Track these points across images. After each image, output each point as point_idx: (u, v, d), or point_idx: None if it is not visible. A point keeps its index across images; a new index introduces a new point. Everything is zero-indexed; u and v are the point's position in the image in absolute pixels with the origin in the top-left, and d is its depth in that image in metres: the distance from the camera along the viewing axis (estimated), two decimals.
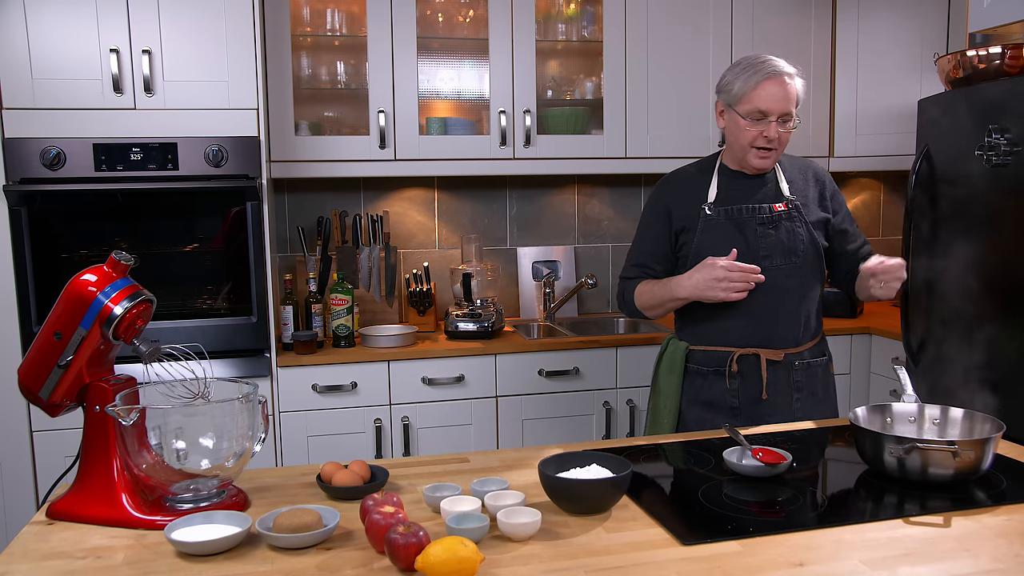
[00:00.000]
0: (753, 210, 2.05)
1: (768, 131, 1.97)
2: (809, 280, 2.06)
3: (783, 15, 3.32)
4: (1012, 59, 2.40)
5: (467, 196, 3.48)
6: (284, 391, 2.80)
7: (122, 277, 1.43)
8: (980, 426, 1.61)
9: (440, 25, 3.23)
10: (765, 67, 1.97)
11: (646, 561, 1.21)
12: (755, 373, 2.04)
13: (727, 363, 2.05)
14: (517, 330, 3.25)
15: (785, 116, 1.97)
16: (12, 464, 2.64)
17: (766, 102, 1.95)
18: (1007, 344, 2.35)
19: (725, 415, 2.06)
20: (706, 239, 2.05)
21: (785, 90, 1.96)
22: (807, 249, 2.05)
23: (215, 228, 2.75)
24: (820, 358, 2.11)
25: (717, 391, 2.07)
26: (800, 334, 2.07)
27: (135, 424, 1.35)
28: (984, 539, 1.27)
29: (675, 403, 2.12)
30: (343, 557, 1.23)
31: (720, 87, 2.06)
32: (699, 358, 2.10)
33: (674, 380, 2.13)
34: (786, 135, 1.99)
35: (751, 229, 2.03)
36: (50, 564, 1.24)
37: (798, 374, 2.06)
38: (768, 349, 2.03)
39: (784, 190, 2.07)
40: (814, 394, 2.09)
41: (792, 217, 2.05)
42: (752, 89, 1.96)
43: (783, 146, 2.02)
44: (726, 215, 2.05)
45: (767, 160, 2.02)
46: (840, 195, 2.16)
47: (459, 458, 1.70)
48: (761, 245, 2.02)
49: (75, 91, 2.57)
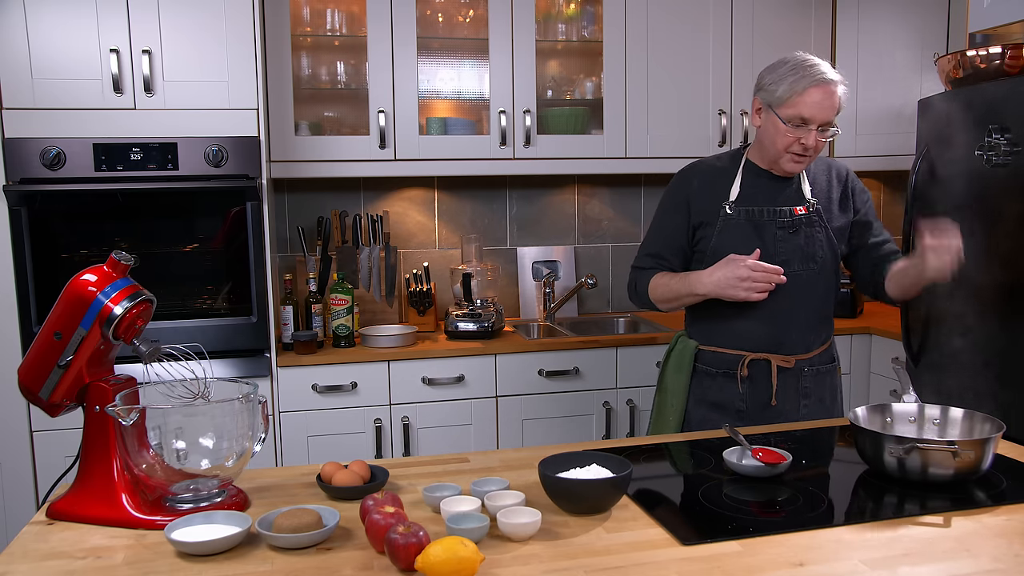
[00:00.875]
0: (774, 213, 2.00)
1: (807, 139, 1.89)
2: (825, 287, 2.04)
3: (783, 15, 3.32)
4: (1012, 59, 2.40)
5: (467, 196, 3.48)
6: (284, 391, 2.80)
7: (122, 277, 1.43)
8: (980, 426, 1.61)
9: (440, 25, 3.23)
10: (813, 72, 1.87)
11: (646, 561, 1.21)
12: (764, 378, 2.02)
13: (737, 367, 2.02)
14: (517, 330, 3.25)
15: (827, 125, 1.90)
16: (12, 464, 2.64)
17: (810, 109, 1.87)
18: (1007, 344, 2.35)
19: (731, 417, 2.04)
20: (724, 239, 2.00)
21: (832, 99, 1.88)
22: (826, 255, 2.01)
23: (215, 228, 2.75)
24: (829, 364, 2.09)
25: (725, 393, 2.05)
26: (812, 341, 2.04)
27: (135, 424, 1.35)
28: (984, 539, 1.27)
29: (681, 402, 2.10)
30: (343, 557, 1.23)
31: (762, 85, 1.96)
32: (709, 359, 2.08)
33: (682, 379, 2.10)
34: (823, 143, 1.92)
35: (770, 233, 1.99)
36: (50, 564, 1.24)
37: (807, 380, 2.05)
38: (779, 355, 2.01)
39: (806, 192, 2.02)
40: (821, 400, 2.08)
41: (812, 222, 2.00)
42: (799, 95, 1.87)
43: (818, 152, 1.95)
44: (747, 216, 2.00)
45: (800, 165, 1.96)
46: (866, 193, 2.10)
47: (459, 458, 1.70)
48: (779, 250, 1.98)
49: (75, 91, 2.57)
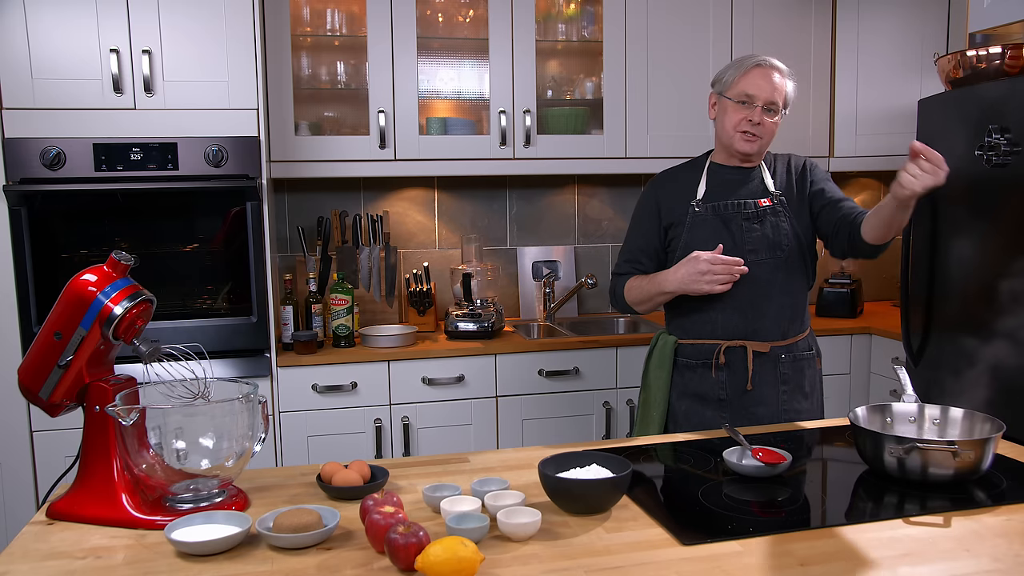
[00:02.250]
0: (739, 205, 2.10)
1: (753, 115, 2.04)
2: (794, 274, 2.11)
3: (783, 15, 3.32)
4: (1012, 59, 2.40)
5: (467, 196, 3.48)
6: (284, 391, 2.80)
7: (122, 277, 1.43)
8: (980, 426, 1.61)
9: (440, 25, 3.23)
10: (756, 58, 2.08)
11: (646, 561, 1.21)
12: (742, 365, 2.09)
13: (714, 355, 2.09)
14: (517, 330, 3.25)
15: (771, 105, 2.05)
16: (12, 464, 2.64)
17: (753, 87, 2.05)
18: (1007, 344, 2.35)
19: (713, 407, 2.11)
20: (694, 235, 2.11)
21: (772, 81, 2.05)
22: (791, 243, 2.09)
23: (215, 228, 2.75)
24: (807, 352, 2.16)
25: (706, 384, 2.12)
26: (786, 327, 2.11)
27: (135, 424, 1.35)
28: (984, 539, 1.27)
29: (664, 396, 2.17)
30: (343, 557, 1.23)
31: (714, 81, 2.16)
32: (688, 351, 2.15)
33: (663, 374, 2.17)
34: (771, 125, 2.07)
35: (736, 224, 2.09)
36: (50, 564, 1.24)
37: (785, 367, 2.11)
38: (754, 341, 2.08)
39: (769, 185, 2.13)
40: (800, 387, 2.13)
41: (777, 212, 2.10)
42: (742, 75, 2.06)
43: (768, 136, 2.09)
44: (713, 211, 2.11)
45: (752, 144, 2.08)
46: (818, 169, 2.18)
47: (459, 458, 1.70)
48: (747, 239, 2.08)
49: (75, 91, 2.56)
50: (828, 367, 3.19)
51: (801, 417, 2.10)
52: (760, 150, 2.11)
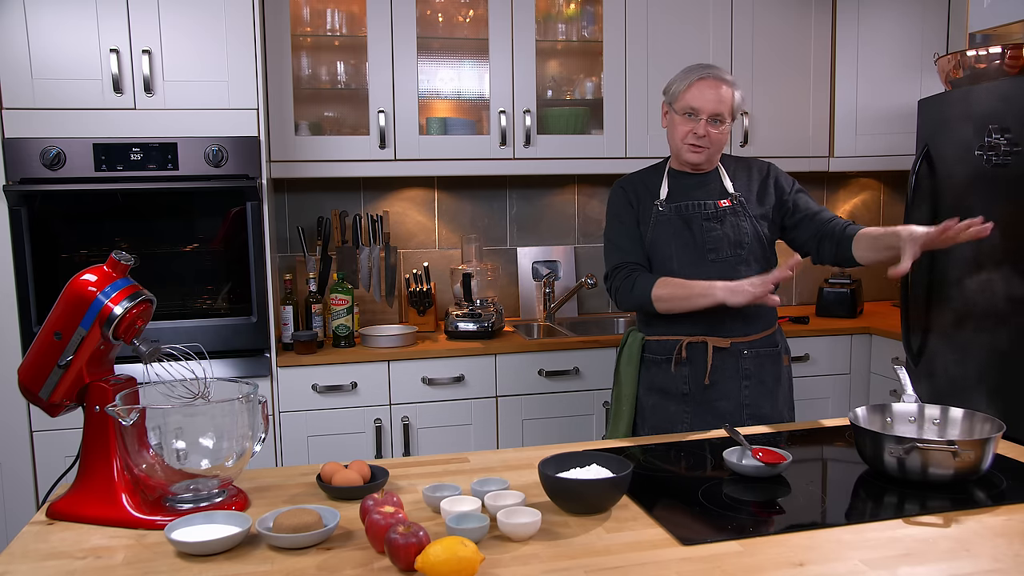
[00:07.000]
0: (700, 206, 2.15)
1: (698, 128, 2.08)
2: (756, 271, 2.13)
3: (783, 15, 3.32)
4: (1012, 59, 2.40)
5: (467, 196, 3.48)
6: (284, 391, 2.80)
7: (122, 277, 1.43)
8: (980, 426, 1.61)
9: (440, 25, 3.23)
10: (701, 70, 2.11)
11: (646, 561, 1.21)
12: (703, 360, 2.13)
13: (675, 351, 2.14)
14: (517, 330, 3.25)
15: (716, 116, 2.08)
16: (12, 464, 2.64)
17: (697, 100, 2.07)
18: (1007, 344, 2.35)
19: (676, 401, 2.16)
20: (657, 233, 2.16)
21: (717, 92, 2.07)
22: (752, 242, 2.14)
23: (215, 228, 2.75)
24: (771, 348, 2.18)
25: (669, 379, 2.16)
26: (748, 323, 2.14)
27: (135, 424, 1.35)
28: (984, 539, 1.27)
29: (632, 391, 2.22)
30: (343, 557, 1.23)
31: (664, 90, 2.19)
32: (653, 347, 2.20)
33: (632, 370, 2.23)
34: (717, 135, 2.10)
35: (697, 224, 2.14)
36: (50, 564, 1.24)
37: (747, 362, 2.14)
38: (715, 337, 2.11)
39: (728, 187, 2.18)
40: (763, 383, 2.16)
41: (736, 212, 2.15)
42: (687, 88, 2.09)
43: (716, 146, 2.12)
44: (676, 211, 2.16)
45: (699, 155, 2.12)
46: (786, 178, 2.22)
47: (459, 458, 1.70)
48: (707, 239, 2.13)
49: (75, 91, 2.56)
50: (828, 367, 3.20)
51: (763, 411, 2.14)
52: (709, 159, 2.15)
